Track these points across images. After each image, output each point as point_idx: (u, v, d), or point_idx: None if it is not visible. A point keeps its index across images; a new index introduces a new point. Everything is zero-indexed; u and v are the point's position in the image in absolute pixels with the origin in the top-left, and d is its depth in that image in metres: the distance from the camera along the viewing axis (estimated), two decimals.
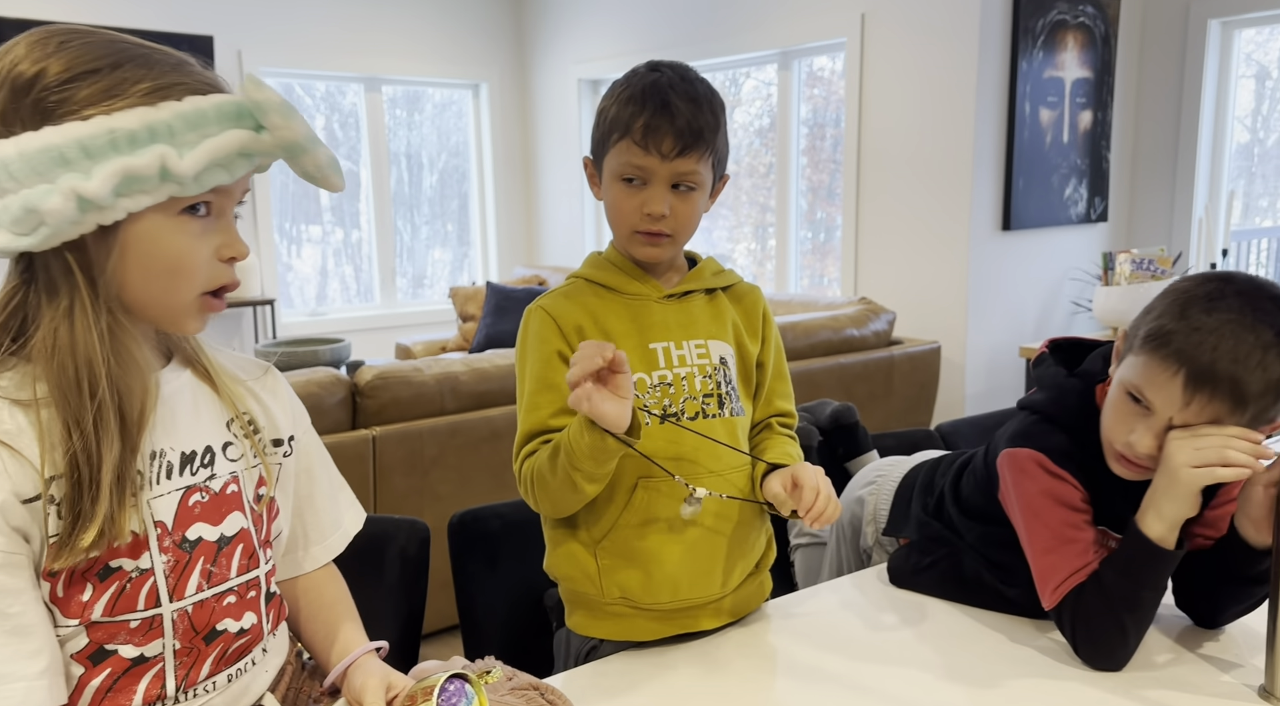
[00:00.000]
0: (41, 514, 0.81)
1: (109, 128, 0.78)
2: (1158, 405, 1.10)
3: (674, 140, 1.12)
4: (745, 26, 4.57)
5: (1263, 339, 1.05)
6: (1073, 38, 3.86)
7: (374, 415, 2.62)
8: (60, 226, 0.78)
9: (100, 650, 0.86)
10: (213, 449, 0.94)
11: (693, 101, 1.14)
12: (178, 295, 0.86)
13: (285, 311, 5.58)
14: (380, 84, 5.69)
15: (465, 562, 1.37)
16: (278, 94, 0.82)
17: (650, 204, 1.15)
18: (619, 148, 1.15)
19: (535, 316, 1.21)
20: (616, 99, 1.17)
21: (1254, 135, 4.18)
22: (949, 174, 3.81)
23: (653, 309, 1.22)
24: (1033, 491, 1.22)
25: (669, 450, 1.17)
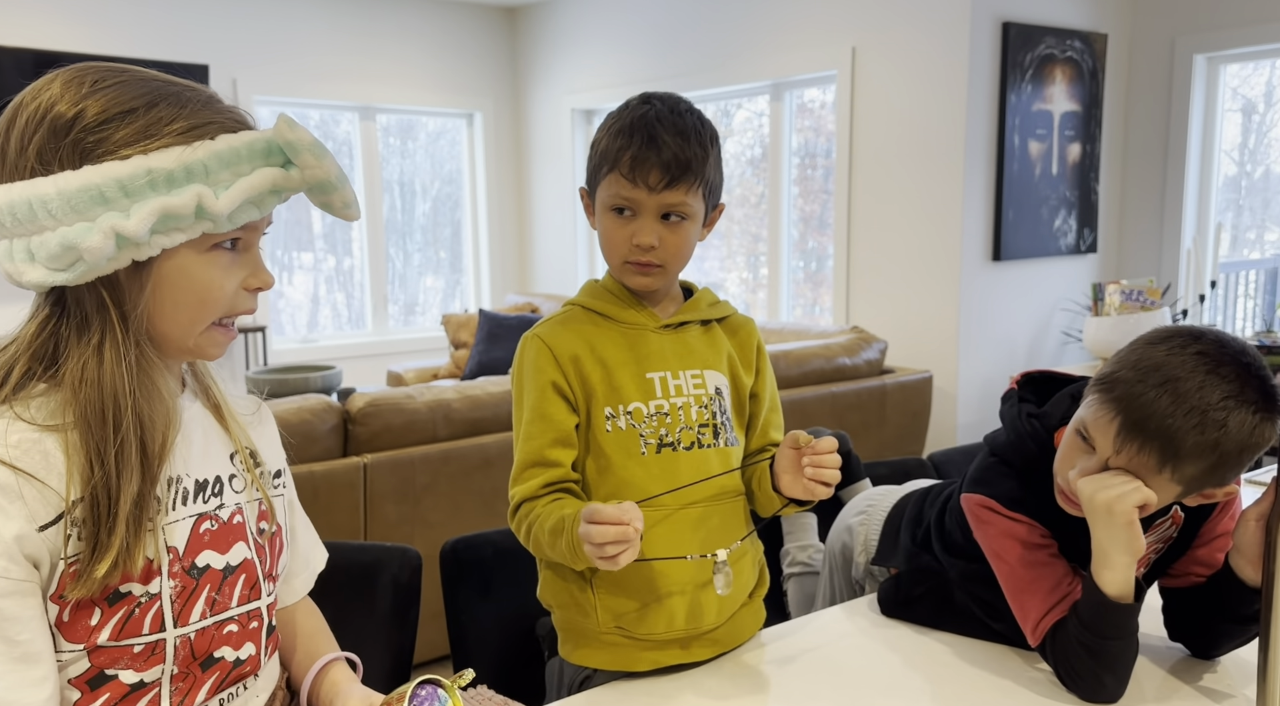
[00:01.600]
0: (61, 536, 0.82)
1: (147, 168, 0.80)
2: (1098, 446, 1.11)
3: (660, 172, 1.14)
4: (737, 58, 4.62)
5: (1207, 402, 1.03)
6: (1061, 71, 3.91)
7: (365, 442, 2.61)
8: (97, 263, 0.80)
9: (100, 675, 0.86)
10: (221, 479, 0.95)
11: (680, 134, 1.15)
12: (199, 324, 0.88)
13: (276, 338, 5.57)
14: (375, 113, 5.73)
15: (457, 590, 1.36)
16: (310, 133, 0.85)
17: (639, 235, 1.16)
18: (609, 180, 1.17)
19: (531, 345, 1.21)
20: (608, 132, 1.19)
21: (1241, 168, 4.24)
22: (939, 204, 3.84)
23: (649, 338, 1.22)
24: (991, 535, 1.22)
25: (665, 481, 1.18)
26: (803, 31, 4.31)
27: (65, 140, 0.80)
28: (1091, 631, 1.11)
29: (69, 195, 0.79)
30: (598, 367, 1.19)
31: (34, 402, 0.84)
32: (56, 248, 0.79)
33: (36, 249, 0.80)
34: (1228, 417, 1.04)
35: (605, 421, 1.19)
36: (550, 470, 1.17)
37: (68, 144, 0.80)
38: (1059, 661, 1.16)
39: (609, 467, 1.19)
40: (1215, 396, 1.04)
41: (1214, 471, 1.08)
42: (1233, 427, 1.04)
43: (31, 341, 0.85)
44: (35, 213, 0.79)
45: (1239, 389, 1.04)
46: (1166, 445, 1.05)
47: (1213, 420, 1.04)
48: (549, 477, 1.17)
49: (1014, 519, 1.21)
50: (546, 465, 1.17)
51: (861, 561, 1.56)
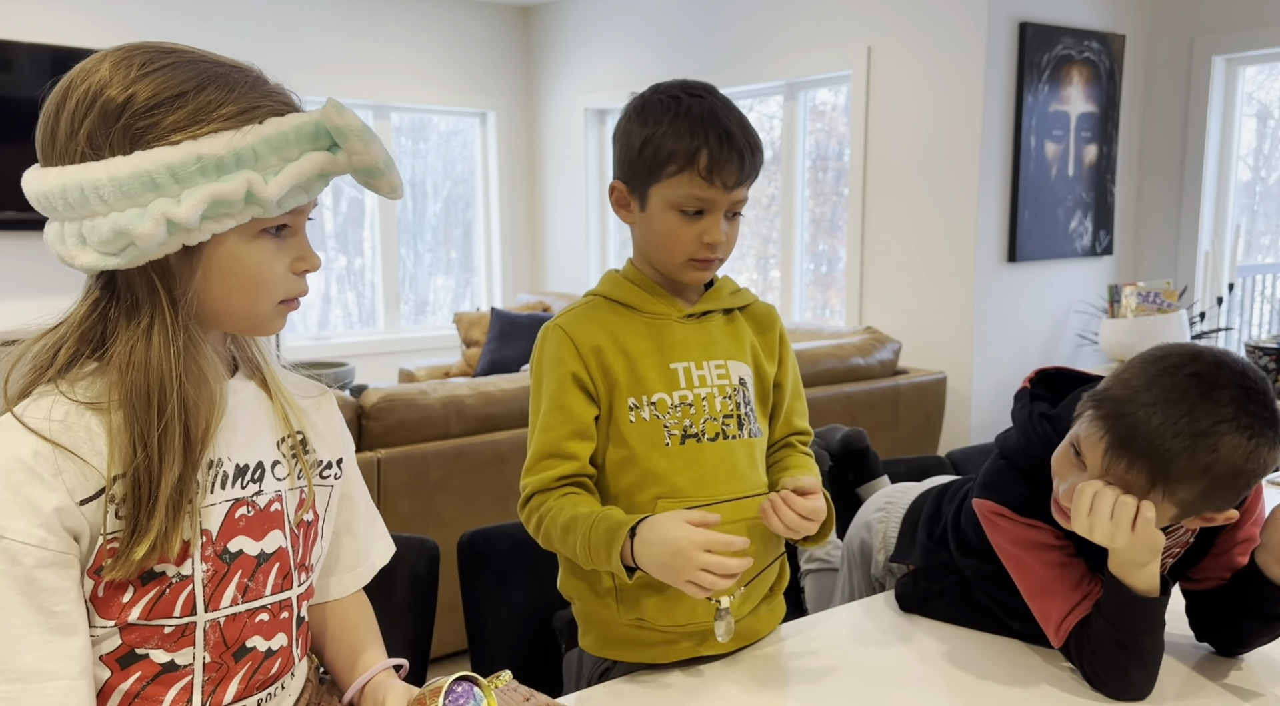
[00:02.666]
0: (100, 512, 0.82)
1: (198, 154, 0.80)
2: (1089, 462, 1.10)
3: (738, 173, 1.13)
4: (752, 58, 4.61)
5: (1198, 426, 1.01)
6: (1078, 72, 3.89)
7: (379, 437, 2.61)
8: (148, 248, 0.80)
9: (131, 653, 0.86)
10: (264, 465, 0.94)
11: (744, 127, 1.15)
12: (259, 306, 0.89)
13: (288, 336, 5.57)
14: (389, 111, 5.74)
15: (474, 582, 1.36)
16: (358, 118, 0.85)
17: (710, 233, 1.15)
18: (679, 180, 1.13)
19: (553, 335, 1.20)
20: (669, 127, 1.13)
21: (1256, 173, 4.21)
22: (954, 205, 3.83)
23: (673, 328, 1.21)
24: (1006, 542, 1.21)
25: (690, 471, 1.17)
26: (818, 31, 4.30)
27: (116, 125, 0.80)
28: (1121, 628, 1.10)
29: (120, 181, 0.79)
30: (620, 358, 1.18)
31: (81, 383, 0.84)
32: (108, 233, 0.79)
33: (88, 233, 0.80)
34: (1219, 442, 1.01)
35: (629, 412, 1.18)
36: (566, 462, 1.17)
37: (119, 129, 0.80)
38: (1085, 661, 1.14)
39: (633, 458, 1.18)
40: (1207, 421, 1.01)
41: (1209, 496, 1.05)
42: (1224, 452, 1.01)
43: (81, 322, 0.85)
44: (87, 197, 0.79)
45: (1234, 413, 1.01)
46: (1155, 465, 1.03)
47: (1204, 445, 1.01)
48: (564, 470, 1.17)
49: (1027, 524, 1.19)
50: (563, 457, 1.16)
51: (881, 559, 1.55)
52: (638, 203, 1.19)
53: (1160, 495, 1.05)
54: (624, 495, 1.19)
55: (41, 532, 0.80)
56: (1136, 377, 1.07)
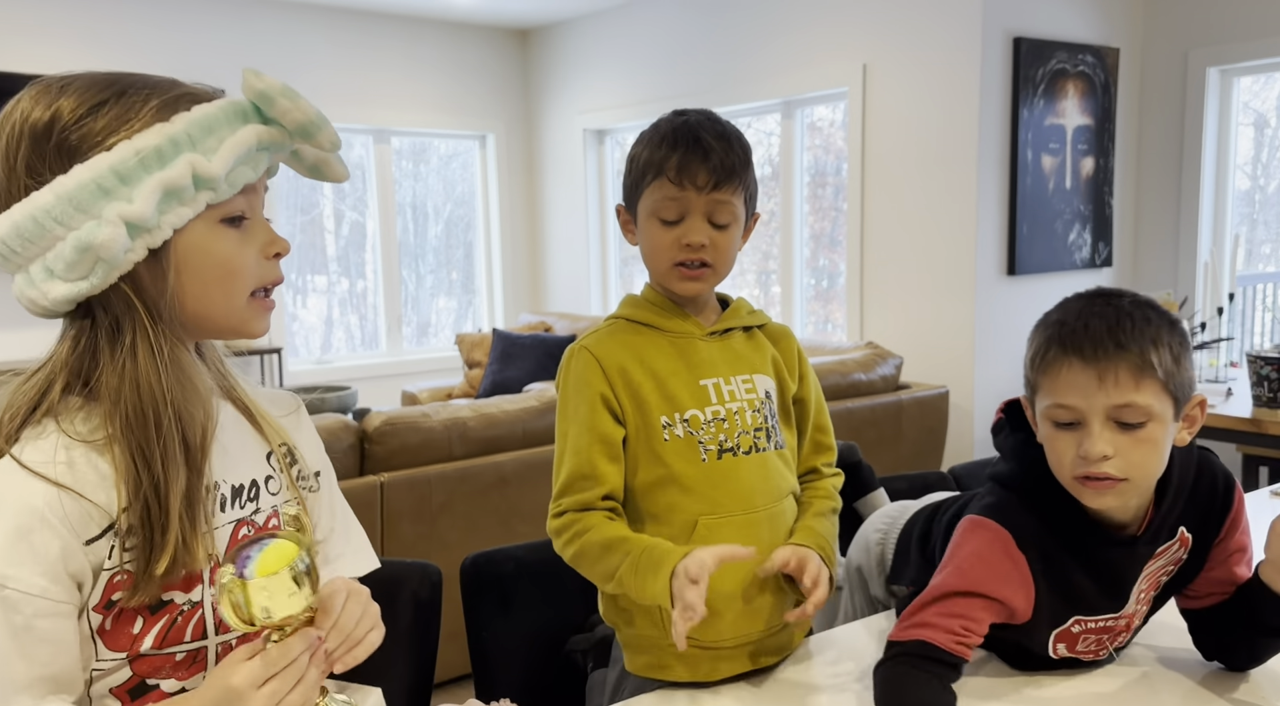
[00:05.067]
0: (106, 548, 0.82)
1: (135, 149, 0.80)
2: (1081, 406, 1.05)
3: (708, 173, 1.15)
4: (749, 77, 4.64)
5: (1119, 307, 1.07)
6: (1073, 86, 3.91)
7: (382, 461, 2.61)
8: (115, 258, 0.80)
9: (142, 684, 0.86)
10: (257, 482, 0.95)
11: (722, 138, 1.18)
12: (236, 298, 0.88)
13: (291, 360, 5.59)
14: (389, 136, 5.77)
15: (478, 605, 1.35)
16: (277, 80, 0.85)
17: (689, 235, 1.17)
18: (654, 187, 1.18)
19: (579, 358, 1.21)
20: (647, 144, 1.20)
21: (1254, 182, 4.22)
22: (953, 219, 3.84)
23: (698, 346, 1.23)
24: (971, 550, 1.15)
25: (728, 485, 1.18)
26: (814, 49, 4.32)
27: (49, 145, 0.80)
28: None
29: (68, 195, 0.79)
30: (648, 378, 1.19)
31: (77, 417, 0.84)
32: (72, 253, 0.79)
33: (53, 263, 0.80)
34: (1129, 303, 1.08)
35: (663, 431, 1.19)
36: (600, 484, 1.17)
37: (51, 148, 0.80)
38: (881, 681, 1.11)
39: (671, 477, 1.18)
40: (1123, 302, 1.08)
41: (1179, 370, 1.06)
42: (1138, 306, 1.07)
43: (69, 357, 0.84)
44: (42, 225, 0.79)
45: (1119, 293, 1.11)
46: (1132, 350, 1.04)
47: (1142, 316, 1.06)
48: (600, 492, 1.17)
49: (1012, 558, 1.13)
50: (596, 479, 1.17)
51: (881, 581, 1.54)
52: (634, 221, 1.23)
53: (1153, 379, 1.04)
54: (663, 515, 1.18)
55: (43, 582, 0.79)
56: (1047, 320, 1.13)
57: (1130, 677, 1.22)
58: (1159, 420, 1.05)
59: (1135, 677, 1.22)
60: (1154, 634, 1.32)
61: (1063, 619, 1.17)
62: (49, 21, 4.51)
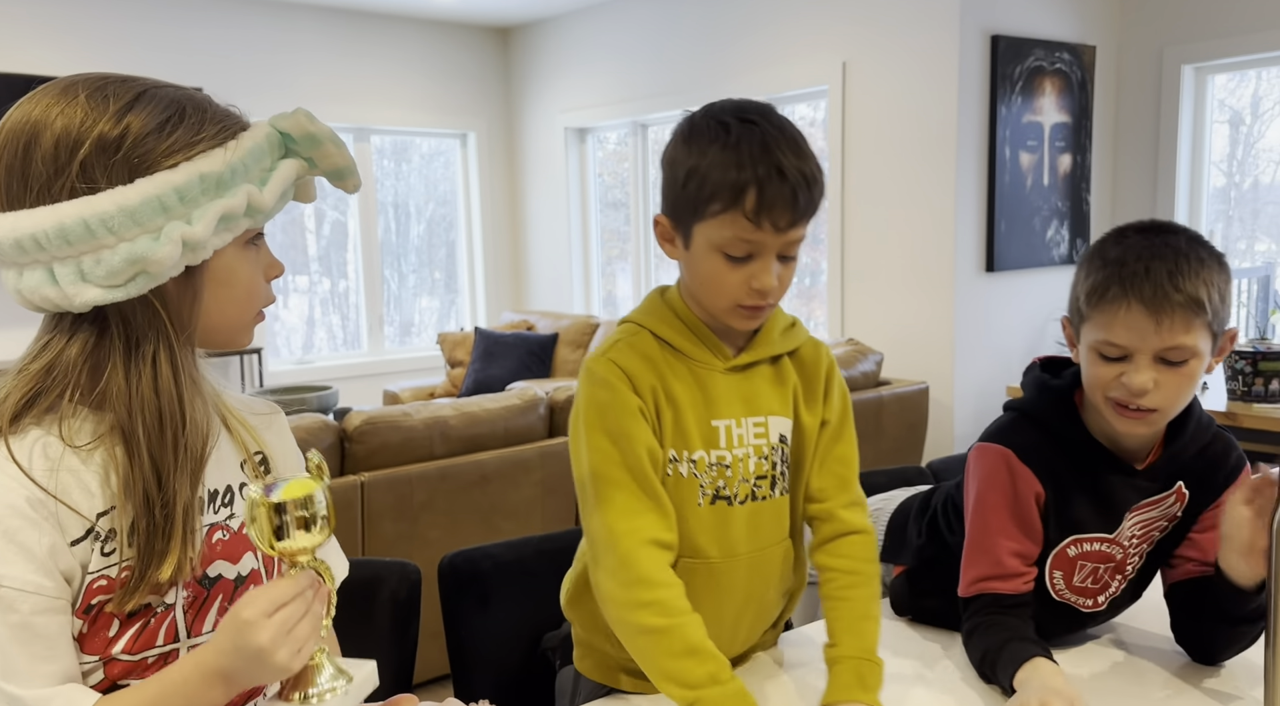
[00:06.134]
0: (88, 551, 0.83)
1: (200, 174, 0.82)
2: (1132, 344, 1.09)
3: (791, 213, 1.01)
4: (730, 75, 4.64)
5: (1177, 247, 1.09)
6: (1050, 83, 3.94)
7: (362, 460, 2.60)
8: (162, 272, 0.82)
9: (114, 686, 0.86)
10: (232, 488, 0.95)
11: (801, 158, 1.01)
12: (247, 316, 0.92)
13: (272, 360, 5.55)
14: (369, 134, 5.74)
15: (456, 605, 1.35)
16: (326, 125, 0.90)
17: (759, 278, 1.03)
18: (723, 220, 1.01)
19: (610, 372, 1.08)
20: (713, 158, 1.01)
21: (1230, 179, 4.26)
22: (932, 216, 3.86)
23: (717, 380, 1.12)
24: (984, 475, 1.22)
25: (715, 531, 1.13)
26: (794, 47, 4.34)
27: (116, 156, 0.81)
28: (989, 677, 1.16)
29: (131, 209, 0.79)
30: (669, 408, 1.10)
31: (71, 422, 0.84)
32: (120, 264, 0.80)
33: (90, 269, 0.80)
34: (1185, 241, 1.10)
35: (667, 465, 1.11)
36: (663, 517, 1.07)
37: (119, 160, 0.81)
38: (969, 638, 1.20)
39: None
40: (1179, 241, 1.10)
41: (1224, 307, 1.10)
42: (1192, 245, 1.10)
43: (79, 361, 0.84)
44: (92, 232, 0.79)
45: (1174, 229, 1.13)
46: (1188, 295, 1.06)
47: (1196, 257, 1.09)
48: (666, 533, 1.07)
49: (1020, 476, 1.20)
50: (660, 511, 1.06)
51: None
52: (682, 239, 1.07)
53: (1205, 322, 1.08)
54: None
55: (37, 578, 0.80)
56: (1105, 256, 1.13)
57: (1112, 661, 1.24)
58: (1200, 357, 1.10)
59: (1119, 661, 1.24)
60: (1136, 617, 1.34)
61: (1060, 538, 1.22)
62: (21, 18, 4.47)
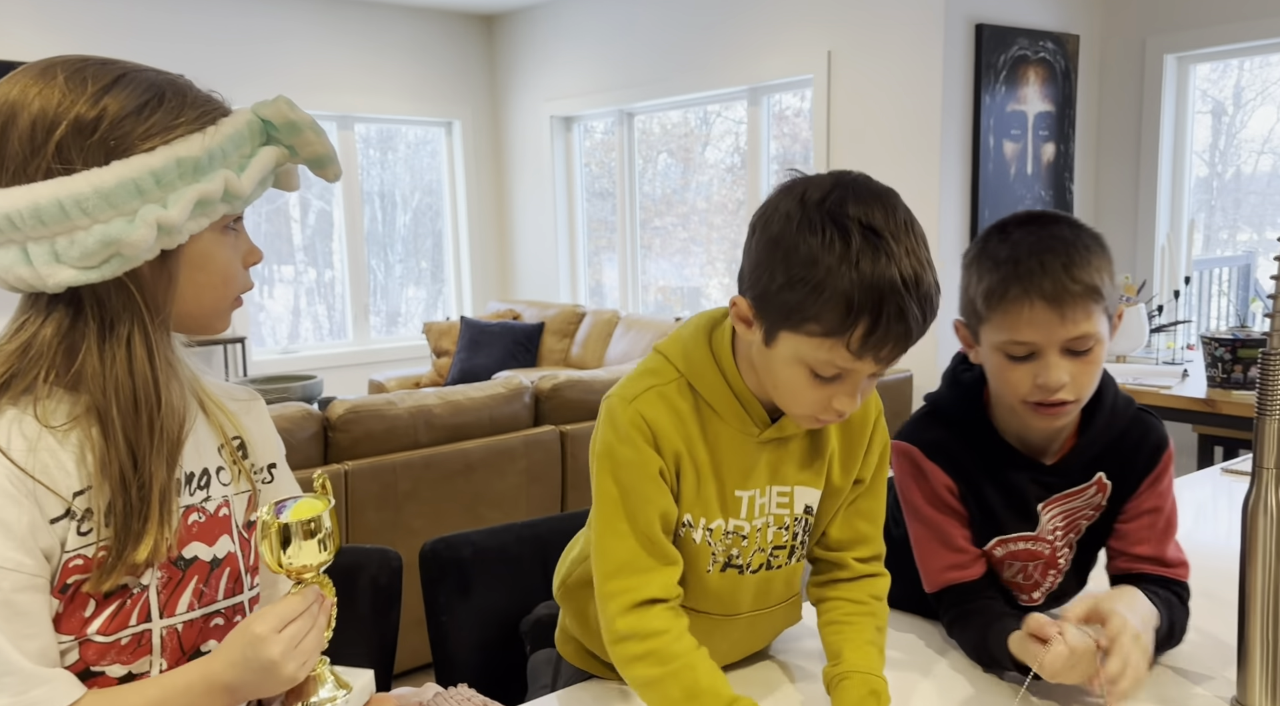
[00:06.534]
0: (66, 530, 0.83)
1: (176, 158, 0.82)
2: (1039, 340, 1.09)
3: (896, 348, 0.92)
4: (715, 64, 4.64)
5: (1063, 237, 1.10)
6: (1034, 72, 3.95)
7: (346, 449, 2.60)
8: (137, 255, 0.82)
9: (87, 670, 0.86)
10: (209, 471, 0.96)
11: (921, 283, 0.91)
12: (223, 303, 0.92)
13: (256, 349, 5.53)
14: (353, 122, 5.72)
15: (437, 591, 1.35)
16: (307, 114, 0.90)
17: (840, 400, 0.96)
18: (821, 343, 0.92)
19: (633, 427, 1.02)
20: (826, 275, 0.89)
21: (1212, 169, 4.29)
22: (916, 205, 3.84)
23: (749, 450, 1.06)
24: (903, 474, 1.25)
25: (721, 595, 1.11)
26: (779, 36, 4.33)
27: (92, 138, 0.81)
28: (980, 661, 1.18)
29: (106, 192, 0.79)
30: (692, 472, 1.05)
31: (47, 403, 0.84)
32: (95, 245, 0.79)
33: (64, 249, 0.80)
34: (1068, 230, 1.12)
35: (680, 527, 1.07)
36: (669, 568, 1.03)
37: (95, 142, 0.81)
38: (951, 629, 1.22)
39: None
40: (1064, 231, 1.11)
41: (1114, 290, 1.11)
42: (1075, 231, 1.12)
43: (54, 342, 0.84)
44: (66, 213, 0.79)
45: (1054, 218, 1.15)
46: (1086, 285, 1.07)
47: (1083, 245, 1.10)
48: (667, 580, 1.02)
49: (927, 473, 1.22)
50: (663, 566, 1.02)
51: None
52: (762, 331, 0.97)
53: (1104, 309, 1.10)
54: None
55: (18, 555, 0.80)
56: (994, 256, 1.13)
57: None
58: (1102, 342, 1.12)
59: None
60: None
61: (985, 539, 1.23)
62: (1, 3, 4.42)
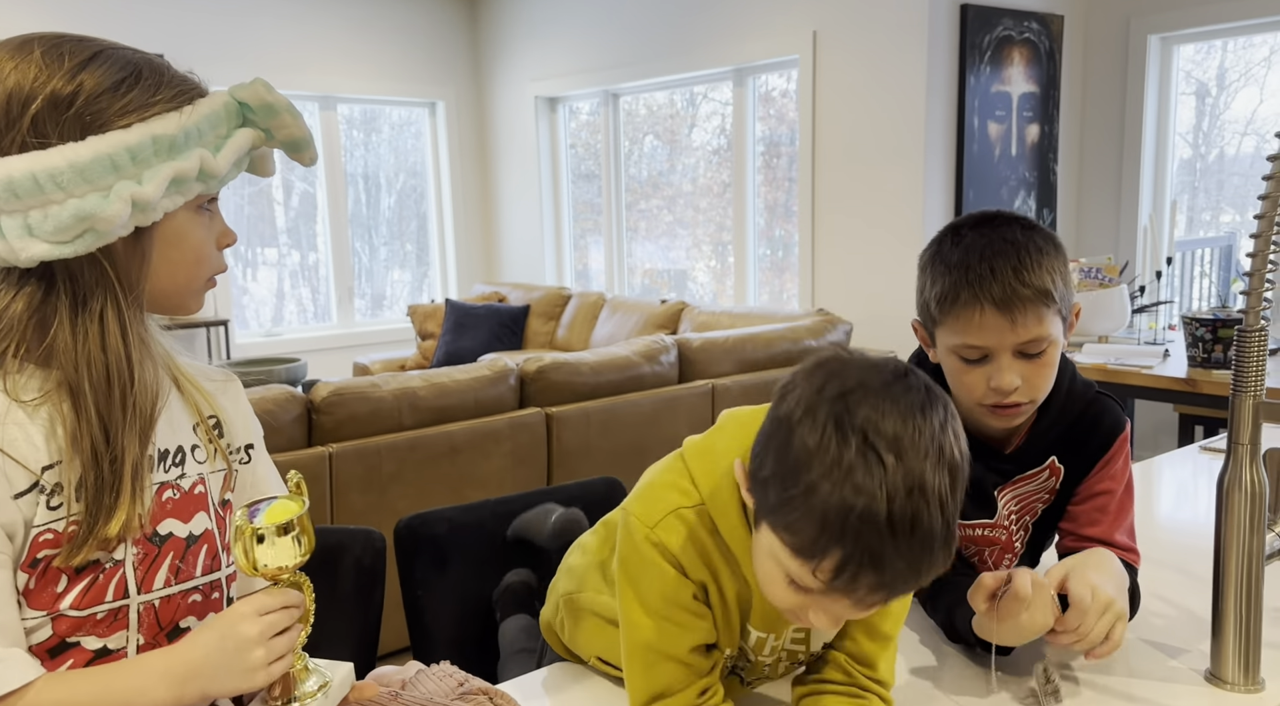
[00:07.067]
0: (33, 505, 0.83)
1: (152, 135, 0.82)
2: (991, 344, 1.10)
3: (876, 595, 0.83)
4: (700, 44, 4.62)
5: (1014, 240, 1.09)
6: (1019, 53, 3.95)
7: (330, 432, 2.59)
8: (110, 231, 0.81)
9: (62, 643, 0.86)
10: (184, 449, 0.96)
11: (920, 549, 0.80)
12: (196, 282, 0.93)
13: (240, 332, 5.51)
14: (335, 103, 5.67)
15: (412, 567, 1.36)
16: (283, 96, 0.90)
17: (815, 615, 0.88)
18: (789, 554, 0.83)
19: (658, 552, 0.95)
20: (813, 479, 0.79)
21: (1195, 150, 4.30)
22: (901, 186, 3.87)
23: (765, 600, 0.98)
24: None
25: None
26: (765, 16, 4.32)
27: (68, 113, 0.81)
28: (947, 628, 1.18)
29: (81, 166, 0.79)
30: (717, 599, 0.99)
31: (21, 378, 0.85)
32: (69, 220, 0.79)
33: (37, 223, 0.80)
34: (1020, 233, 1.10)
35: None
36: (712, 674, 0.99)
37: (70, 117, 0.81)
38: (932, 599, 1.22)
39: None
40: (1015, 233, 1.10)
41: (1068, 292, 1.11)
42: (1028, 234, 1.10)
43: (25, 316, 0.84)
44: (41, 187, 0.79)
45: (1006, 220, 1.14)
46: (1036, 290, 1.07)
47: (1034, 246, 1.09)
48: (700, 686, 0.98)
49: None
50: (704, 672, 0.98)
51: None
52: (752, 506, 0.89)
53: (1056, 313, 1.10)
54: None
55: None
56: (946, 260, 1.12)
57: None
58: (1056, 343, 1.12)
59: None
60: None
61: None
62: None
